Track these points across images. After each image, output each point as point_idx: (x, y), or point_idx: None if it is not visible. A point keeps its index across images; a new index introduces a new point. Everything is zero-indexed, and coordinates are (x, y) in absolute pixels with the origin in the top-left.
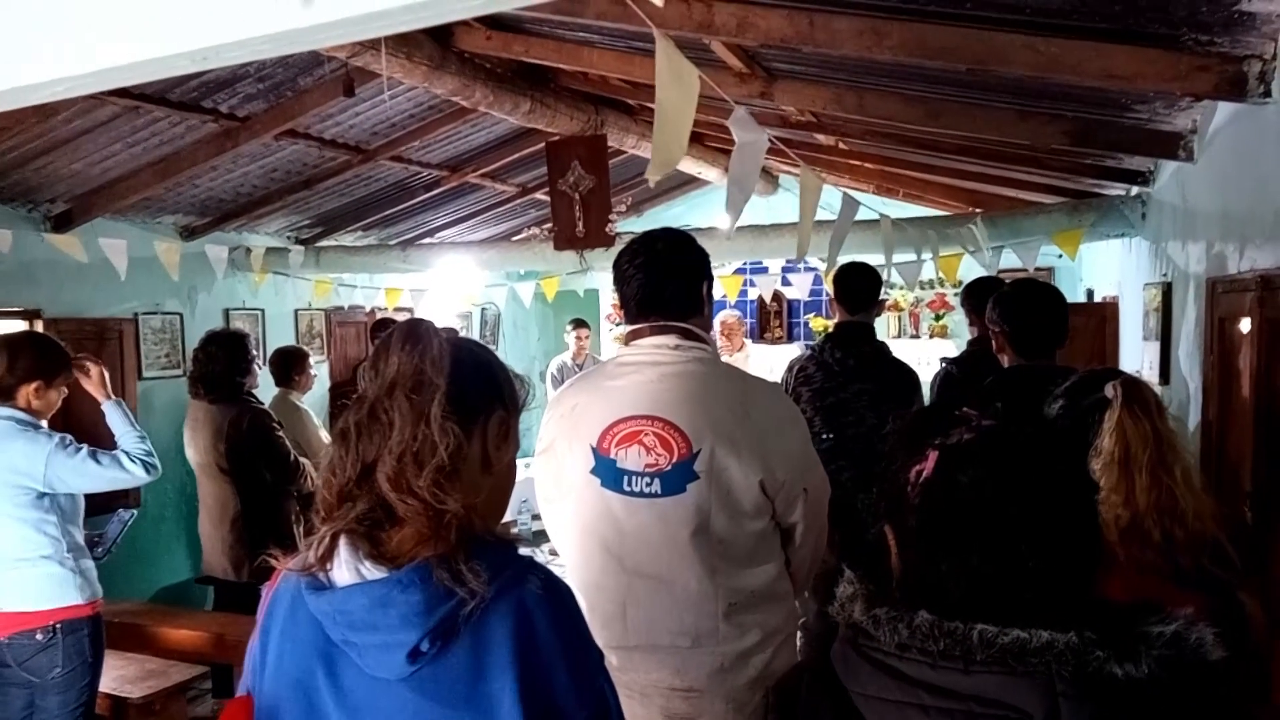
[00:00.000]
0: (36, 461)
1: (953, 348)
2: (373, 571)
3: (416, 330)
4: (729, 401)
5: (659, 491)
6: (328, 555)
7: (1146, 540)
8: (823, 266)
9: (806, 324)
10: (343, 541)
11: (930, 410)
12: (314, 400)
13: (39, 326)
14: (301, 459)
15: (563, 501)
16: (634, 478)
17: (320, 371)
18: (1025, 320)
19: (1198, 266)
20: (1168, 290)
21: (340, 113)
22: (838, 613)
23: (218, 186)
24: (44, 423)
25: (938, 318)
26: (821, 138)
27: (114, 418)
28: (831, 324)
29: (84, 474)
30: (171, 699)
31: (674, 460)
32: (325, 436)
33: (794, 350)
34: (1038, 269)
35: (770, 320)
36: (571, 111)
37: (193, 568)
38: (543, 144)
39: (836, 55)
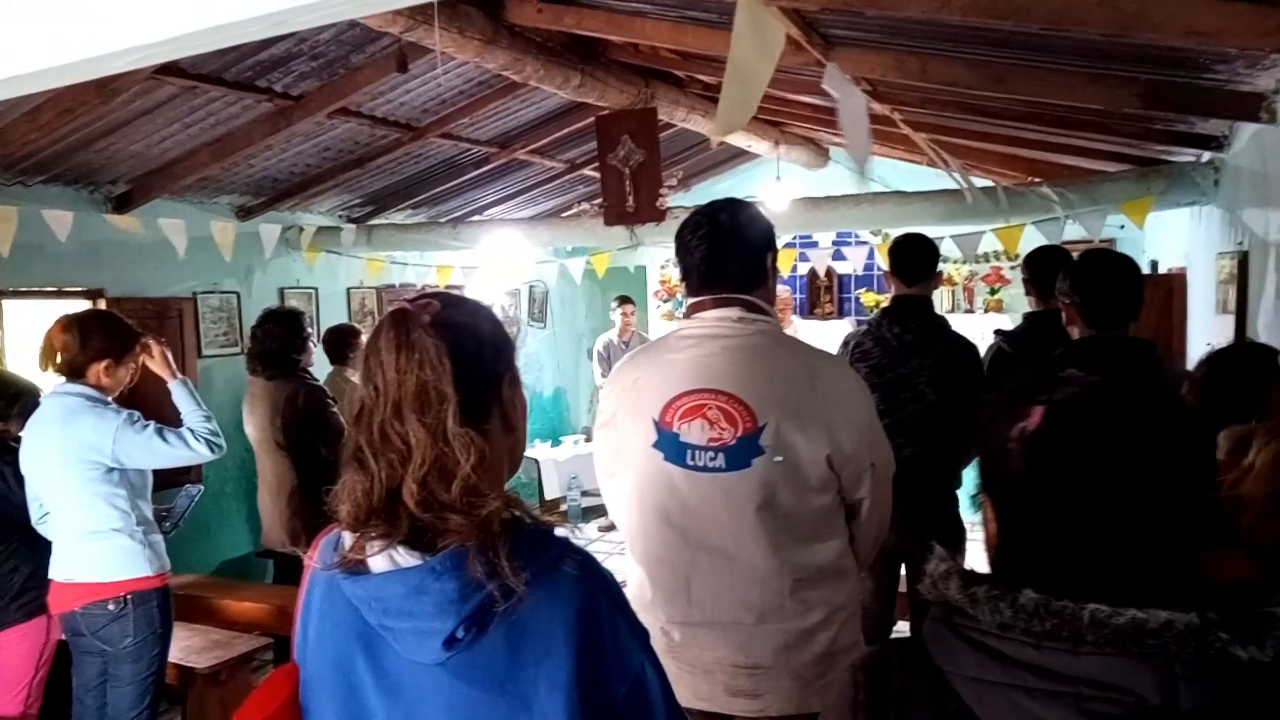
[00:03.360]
0: (105, 437)
1: (1008, 322)
2: (407, 558)
3: (406, 332)
4: (794, 375)
5: (723, 466)
6: (360, 549)
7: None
8: (876, 241)
9: (858, 299)
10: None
11: (1032, 376)
12: None
13: (102, 306)
14: None
15: (624, 475)
16: (697, 452)
17: None
18: (1099, 291)
19: (1279, 234)
20: (1244, 260)
21: (391, 90)
22: (929, 590)
23: (272, 166)
24: (112, 399)
25: (993, 291)
26: (877, 107)
27: (180, 396)
28: (885, 299)
29: (150, 450)
30: (236, 669)
31: (739, 434)
32: None
33: (845, 326)
34: (1100, 240)
35: (820, 295)
36: (621, 85)
37: (253, 541)
38: (592, 119)
39: (900, 18)
